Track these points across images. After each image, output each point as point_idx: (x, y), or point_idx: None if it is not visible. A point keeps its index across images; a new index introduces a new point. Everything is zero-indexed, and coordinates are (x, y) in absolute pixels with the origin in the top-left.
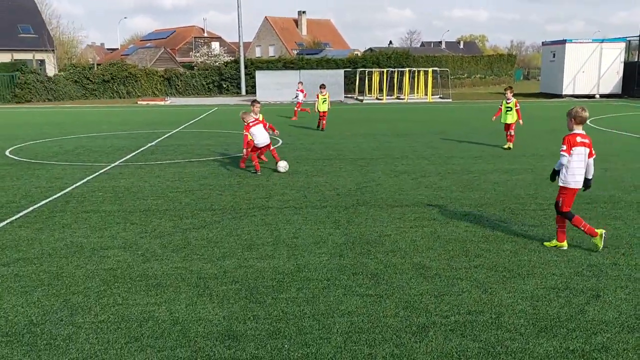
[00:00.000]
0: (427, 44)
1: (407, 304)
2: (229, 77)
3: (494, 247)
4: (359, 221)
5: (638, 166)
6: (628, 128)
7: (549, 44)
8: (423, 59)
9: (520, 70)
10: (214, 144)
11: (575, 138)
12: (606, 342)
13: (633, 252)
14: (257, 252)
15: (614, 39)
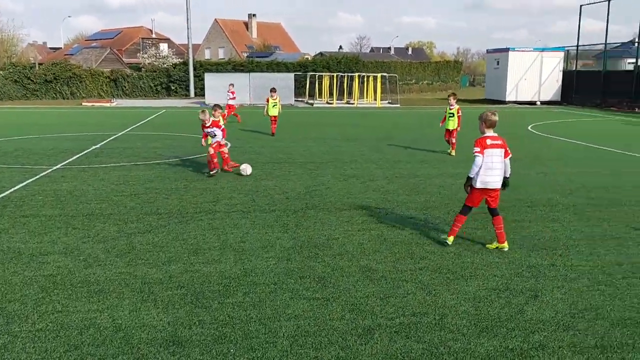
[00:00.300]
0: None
1: (353, 306)
2: (178, 79)
3: (439, 250)
4: (307, 225)
5: (575, 170)
6: (566, 134)
7: (493, 51)
8: (372, 64)
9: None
10: (161, 147)
11: (485, 140)
12: (543, 340)
13: (569, 253)
14: (204, 256)
15: (553, 48)
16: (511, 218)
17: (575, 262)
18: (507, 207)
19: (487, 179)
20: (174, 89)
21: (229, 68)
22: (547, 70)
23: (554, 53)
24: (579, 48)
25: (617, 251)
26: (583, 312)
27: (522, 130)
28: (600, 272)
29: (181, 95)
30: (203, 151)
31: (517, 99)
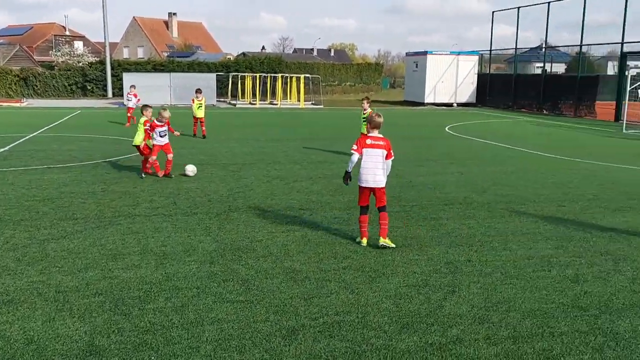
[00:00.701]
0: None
1: (278, 308)
2: (94, 79)
3: (361, 249)
4: (230, 227)
5: (489, 169)
6: (481, 135)
7: (412, 54)
8: (295, 65)
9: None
10: (77, 149)
11: (365, 140)
12: (460, 334)
13: (484, 249)
14: (123, 262)
15: (468, 52)
16: (429, 216)
17: (489, 257)
18: (425, 206)
19: (367, 178)
20: (91, 89)
21: (148, 68)
22: (462, 73)
23: (469, 57)
24: (492, 52)
25: (527, 246)
26: (497, 305)
27: (440, 131)
28: (512, 267)
29: (98, 96)
30: (121, 153)
31: (435, 100)
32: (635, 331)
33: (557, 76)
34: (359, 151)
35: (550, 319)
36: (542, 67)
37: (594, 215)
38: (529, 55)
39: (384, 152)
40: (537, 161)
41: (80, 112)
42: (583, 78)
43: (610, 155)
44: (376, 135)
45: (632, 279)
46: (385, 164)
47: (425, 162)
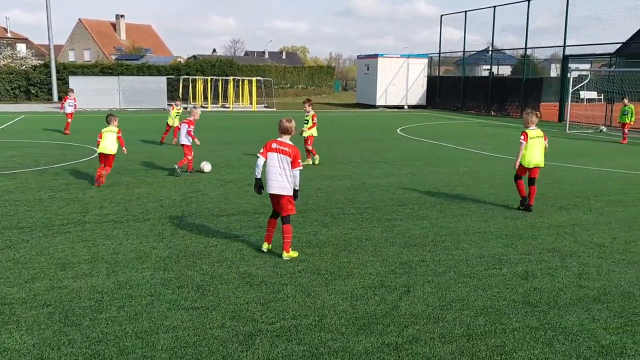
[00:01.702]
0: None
1: (234, 313)
2: (39, 82)
3: (317, 251)
4: (184, 233)
5: (441, 170)
6: (431, 136)
7: (363, 57)
8: (247, 68)
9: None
10: (21, 155)
11: (271, 144)
12: (416, 333)
13: (437, 248)
14: (73, 271)
15: (418, 55)
16: (383, 217)
17: (442, 256)
18: (379, 207)
19: (268, 184)
20: (35, 93)
21: (96, 71)
22: (413, 75)
23: (418, 60)
24: (441, 55)
25: (478, 245)
26: (451, 303)
27: (392, 132)
28: (464, 265)
29: (43, 100)
30: (69, 159)
31: (386, 103)
32: (582, 325)
33: (504, 78)
34: (264, 155)
35: (502, 315)
36: (489, 69)
37: (541, 213)
38: (476, 57)
39: (288, 160)
40: (486, 161)
41: (25, 117)
42: (528, 80)
43: (555, 155)
44: (283, 141)
45: (579, 274)
46: (291, 172)
47: (378, 163)
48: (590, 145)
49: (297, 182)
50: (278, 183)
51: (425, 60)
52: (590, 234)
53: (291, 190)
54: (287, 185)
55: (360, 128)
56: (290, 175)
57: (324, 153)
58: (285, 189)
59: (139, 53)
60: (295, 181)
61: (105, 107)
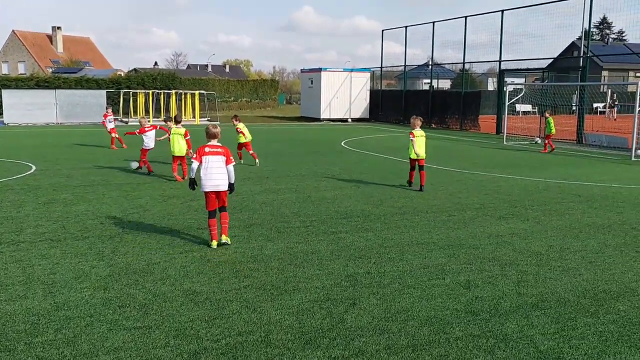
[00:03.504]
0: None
1: (178, 332)
2: None
3: (262, 266)
4: (125, 250)
5: (383, 182)
6: (375, 148)
7: (307, 71)
8: (190, 82)
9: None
10: None
11: (204, 149)
12: (362, 346)
13: (382, 260)
14: (6, 293)
15: (361, 69)
16: (329, 230)
17: (387, 268)
18: (324, 220)
19: (208, 183)
20: None
21: (31, 84)
22: (356, 89)
23: (361, 74)
24: (382, 69)
25: (422, 255)
26: (396, 315)
27: (336, 145)
28: (409, 276)
29: None
30: (1, 176)
31: (330, 116)
32: (522, 332)
33: (444, 92)
34: (198, 159)
35: (446, 325)
36: (430, 83)
37: (481, 223)
38: (417, 72)
39: (223, 158)
40: (428, 173)
41: None
42: (467, 93)
43: (493, 166)
44: (214, 144)
45: (518, 282)
46: (226, 169)
47: (324, 176)
48: (526, 156)
49: (232, 177)
50: (220, 180)
51: (368, 74)
52: (528, 242)
53: (227, 186)
54: (224, 182)
55: (305, 141)
56: (225, 172)
57: (269, 167)
58: (223, 185)
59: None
60: (231, 175)
61: (40, 122)
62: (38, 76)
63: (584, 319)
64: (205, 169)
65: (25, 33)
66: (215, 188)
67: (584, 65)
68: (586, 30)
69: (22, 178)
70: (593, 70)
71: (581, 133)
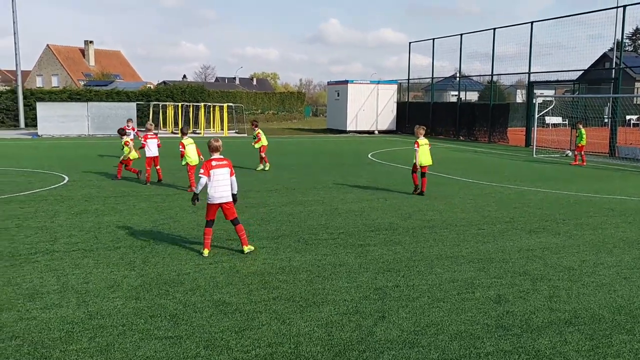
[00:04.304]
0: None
1: (208, 342)
2: (5, 109)
3: (291, 278)
4: (155, 261)
5: (411, 195)
6: (402, 161)
7: (333, 83)
8: (218, 94)
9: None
10: None
11: (211, 162)
12: (392, 359)
13: (411, 274)
14: (42, 301)
15: (388, 81)
16: (357, 243)
17: (416, 281)
18: (352, 233)
19: (215, 195)
20: (1, 119)
21: (64, 97)
22: (383, 101)
23: (388, 86)
24: (409, 81)
25: (451, 269)
26: (425, 328)
27: (363, 157)
28: (438, 290)
29: (9, 126)
30: (36, 187)
31: (357, 128)
32: (555, 348)
33: (472, 104)
34: (207, 174)
35: (477, 340)
36: (457, 95)
37: (511, 237)
38: (444, 84)
39: (228, 170)
40: (457, 186)
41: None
42: (495, 106)
43: (523, 179)
44: (218, 157)
45: (550, 297)
46: (230, 181)
47: (351, 188)
48: (557, 169)
49: (235, 187)
50: (226, 192)
51: (395, 86)
52: (560, 257)
53: (230, 196)
54: (229, 192)
55: (331, 153)
56: (230, 184)
57: (296, 179)
58: (229, 195)
59: (108, 79)
60: (234, 186)
61: (73, 134)
62: (71, 89)
63: (619, 336)
64: (211, 182)
65: (59, 47)
66: (223, 200)
67: (617, 76)
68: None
69: (55, 189)
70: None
71: (614, 146)
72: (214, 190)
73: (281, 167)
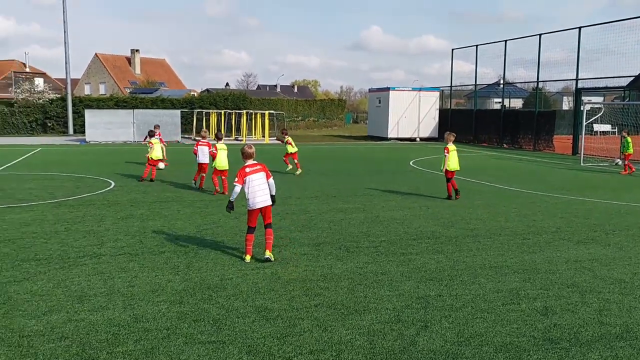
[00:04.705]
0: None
1: (251, 348)
2: (55, 116)
3: (332, 285)
4: (199, 266)
5: (454, 203)
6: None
7: (375, 90)
8: (260, 102)
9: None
10: (38, 188)
11: (245, 169)
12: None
13: (453, 283)
14: (89, 303)
15: (430, 88)
16: (398, 251)
17: (459, 291)
18: (394, 241)
19: (255, 201)
20: (51, 126)
21: (111, 104)
22: (424, 108)
23: (430, 92)
24: (452, 88)
25: (495, 279)
26: (469, 339)
27: (405, 165)
28: (482, 300)
29: (59, 133)
30: (84, 192)
31: (398, 135)
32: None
33: (516, 111)
34: (240, 182)
35: (523, 352)
36: (501, 102)
37: (558, 247)
38: (487, 90)
39: (263, 174)
40: (501, 194)
41: (41, 150)
42: (541, 113)
43: (570, 188)
44: (252, 163)
45: (599, 310)
46: (268, 184)
47: (392, 196)
48: (606, 178)
49: (273, 189)
50: (265, 196)
51: (437, 94)
52: (610, 269)
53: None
54: (268, 197)
55: (372, 160)
56: (268, 187)
57: (336, 186)
58: (268, 200)
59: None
60: (272, 188)
61: (119, 140)
62: (117, 96)
63: None
64: (249, 189)
65: (107, 55)
66: (263, 204)
67: None
68: None
69: (102, 194)
70: None
71: None
72: (252, 196)
73: (321, 173)
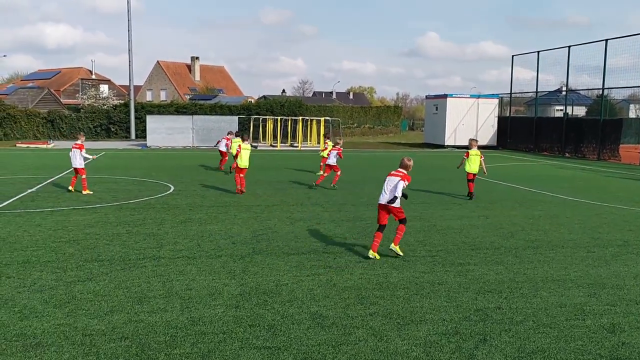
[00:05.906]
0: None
1: (305, 355)
2: (118, 121)
3: (388, 294)
4: (255, 270)
5: (515, 213)
6: (504, 177)
7: (432, 97)
8: (315, 108)
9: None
10: (101, 191)
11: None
12: None
13: (514, 295)
14: (149, 305)
15: (488, 95)
16: (456, 261)
17: (520, 304)
18: (452, 250)
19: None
20: (114, 131)
21: (171, 110)
22: (483, 116)
23: (489, 100)
24: (512, 95)
25: (558, 293)
26: (531, 355)
27: (462, 173)
28: (544, 314)
29: (121, 137)
30: (145, 195)
31: (455, 143)
32: None
33: (579, 119)
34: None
35: None
36: (564, 110)
37: (625, 262)
38: (548, 98)
39: (398, 179)
40: (563, 205)
41: (105, 154)
42: (606, 121)
43: (638, 200)
44: (399, 170)
45: None
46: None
47: (449, 205)
48: None
49: (397, 191)
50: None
51: (496, 101)
52: None
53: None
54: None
55: (429, 168)
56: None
57: None
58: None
59: (211, 93)
60: (396, 190)
61: (179, 145)
62: (177, 103)
63: None
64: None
65: (168, 63)
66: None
67: None
68: None
69: (162, 197)
70: None
71: None
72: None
73: (376, 181)
